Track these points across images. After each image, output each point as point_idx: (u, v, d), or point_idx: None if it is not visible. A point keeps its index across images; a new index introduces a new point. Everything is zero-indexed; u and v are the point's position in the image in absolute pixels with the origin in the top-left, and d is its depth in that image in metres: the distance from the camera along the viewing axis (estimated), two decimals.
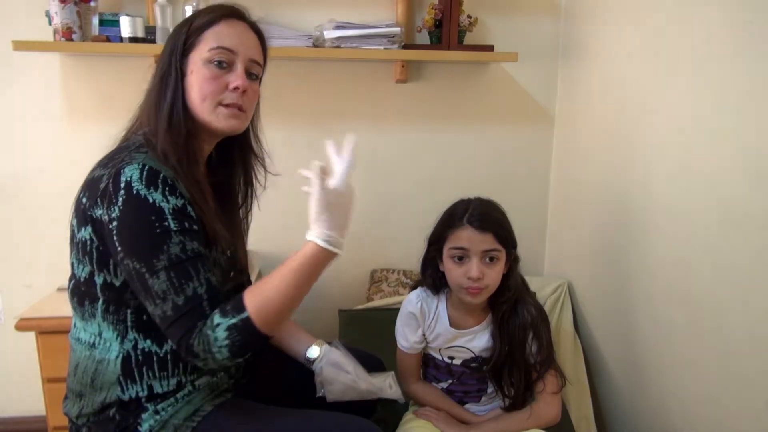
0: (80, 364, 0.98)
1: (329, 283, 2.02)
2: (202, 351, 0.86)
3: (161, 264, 0.86)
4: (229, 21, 0.97)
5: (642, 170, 1.44)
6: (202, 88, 0.95)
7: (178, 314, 0.86)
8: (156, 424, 0.95)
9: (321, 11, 1.80)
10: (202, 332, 0.86)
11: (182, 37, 0.96)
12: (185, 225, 0.88)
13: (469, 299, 1.18)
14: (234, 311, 0.87)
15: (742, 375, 1.12)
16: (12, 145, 1.80)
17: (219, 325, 0.86)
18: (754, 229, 1.07)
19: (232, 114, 0.98)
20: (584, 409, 1.67)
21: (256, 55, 1.01)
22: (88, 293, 0.95)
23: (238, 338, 0.86)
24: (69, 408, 1.01)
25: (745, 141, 1.09)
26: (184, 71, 0.96)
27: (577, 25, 1.84)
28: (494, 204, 1.23)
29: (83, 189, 0.93)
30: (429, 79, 1.92)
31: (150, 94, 0.98)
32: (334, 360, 1.12)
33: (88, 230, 0.91)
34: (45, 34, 1.64)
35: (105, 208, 0.87)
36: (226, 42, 0.96)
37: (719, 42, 1.16)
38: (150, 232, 0.86)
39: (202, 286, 0.88)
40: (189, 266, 0.88)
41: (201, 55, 0.95)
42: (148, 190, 0.86)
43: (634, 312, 1.49)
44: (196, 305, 0.87)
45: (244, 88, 0.97)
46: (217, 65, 0.95)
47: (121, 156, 0.90)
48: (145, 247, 0.86)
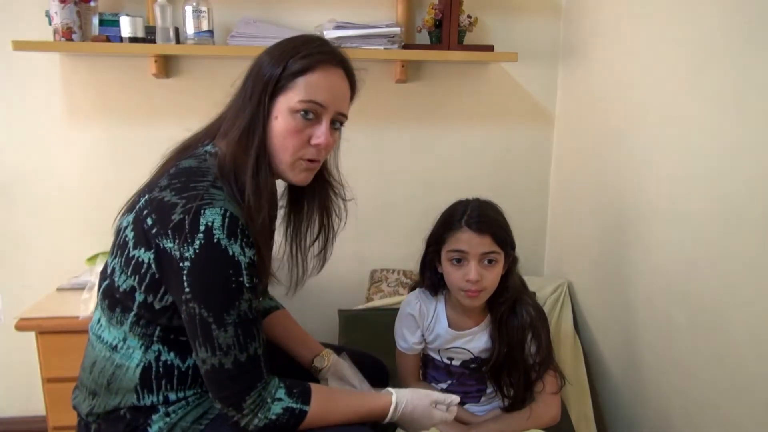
0: (98, 363, 0.97)
1: (329, 283, 2.02)
2: (248, 410, 0.89)
3: (231, 319, 0.86)
4: (326, 69, 0.93)
5: (642, 170, 1.44)
6: (286, 139, 0.93)
7: (239, 371, 0.88)
8: (165, 426, 0.95)
9: (321, 11, 1.80)
10: (261, 396, 0.89)
11: (276, 76, 0.91)
12: (254, 281, 0.89)
13: (467, 302, 1.18)
14: (300, 399, 0.92)
15: (742, 375, 1.11)
16: (12, 145, 1.80)
17: (281, 401, 0.91)
18: (755, 229, 1.07)
19: (307, 167, 0.97)
20: (584, 409, 1.67)
21: (344, 108, 0.98)
22: (123, 303, 0.94)
23: (284, 421, 0.90)
24: (79, 402, 1.01)
25: (745, 141, 1.09)
26: (270, 112, 0.93)
27: (577, 25, 1.84)
28: (493, 205, 1.23)
29: (149, 208, 0.88)
30: (429, 79, 1.92)
31: (235, 125, 0.93)
32: (340, 372, 1.13)
33: (149, 255, 0.88)
34: (45, 34, 1.64)
35: (178, 244, 0.84)
36: (318, 96, 0.92)
37: (719, 42, 1.15)
38: (226, 284, 0.85)
39: (261, 347, 0.90)
40: (253, 326, 0.89)
41: (290, 103, 0.92)
42: (228, 240, 0.84)
43: (634, 312, 1.49)
44: (256, 365, 0.90)
45: (327, 145, 0.95)
46: (303, 116, 0.92)
47: (199, 190, 0.86)
48: (219, 298, 0.86)
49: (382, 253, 2.02)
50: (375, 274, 1.98)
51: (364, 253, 2.02)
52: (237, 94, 0.96)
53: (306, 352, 1.18)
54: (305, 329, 1.23)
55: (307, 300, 2.04)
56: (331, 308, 1.88)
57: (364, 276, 2.02)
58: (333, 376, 1.12)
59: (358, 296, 2.00)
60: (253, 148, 0.91)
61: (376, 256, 2.02)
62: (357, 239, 2.00)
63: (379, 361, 1.28)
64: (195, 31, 1.63)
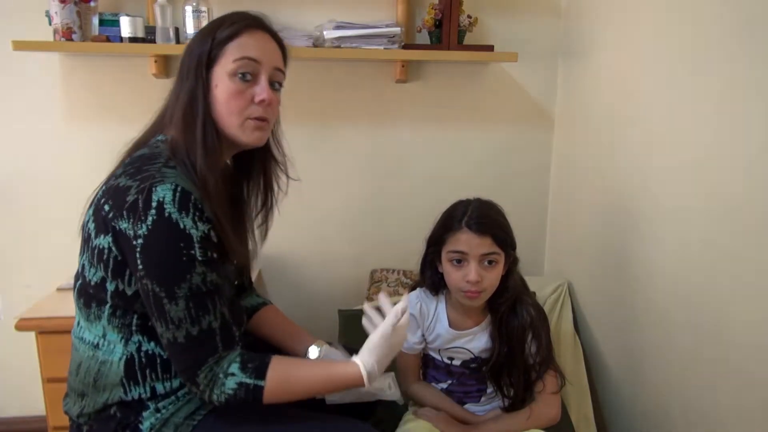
0: (83, 364, 0.98)
1: (329, 283, 2.03)
2: (203, 384, 0.89)
3: (182, 292, 0.87)
4: (251, 32, 0.97)
5: (642, 170, 1.44)
6: (229, 103, 0.95)
7: (190, 344, 0.88)
8: (157, 422, 0.95)
9: (321, 11, 1.80)
10: (213, 371, 0.89)
11: (206, 49, 0.95)
12: (209, 254, 0.89)
13: (467, 302, 1.18)
14: (254, 374, 0.90)
15: (742, 375, 1.11)
16: (12, 145, 1.80)
17: (233, 375, 0.89)
18: (755, 229, 1.07)
19: (257, 126, 0.99)
20: (584, 409, 1.67)
21: (279, 64, 1.01)
22: (97, 297, 0.95)
23: (242, 397, 0.90)
24: (70, 407, 1.01)
25: (745, 141, 1.09)
26: (209, 84, 0.96)
27: (577, 25, 1.84)
28: (493, 205, 1.22)
29: (106, 196, 0.91)
30: (429, 79, 1.92)
31: (177, 106, 0.97)
32: (333, 359, 1.12)
33: (108, 239, 0.90)
34: (45, 34, 1.64)
35: (132, 223, 0.86)
36: (250, 52, 0.96)
37: (719, 42, 1.15)
38: (176, 258, 0.87)
39: (216, 320, 0.90)
40: (207, 299, 0.89)
41: (225, 68, 0.95)
42: (179, 214, 0.86)
43: (634, 312, 1.49)
44: (209, 339, 0.89)
45: (269, 100, 0.98)
46: (242, 78, 0.95)
47: (151, 170, 0.89)
48: (169, 273, 0.87)
49: (382, 253, 2.02)
50: (375, 274, 1.98)
51: (364, 253, 2.02)
52: (175, 81, 0.99)
53: (298, 345, 1.17)
54: (305, 329, 1.23)
55: (307, 300, 2.05)
56: (332, 308, 1.88)
57: (364, 276, 2.02)
58: None
59: (358, 296, 2.00)
60: (199, 121, 0.94)
61: (376, 256, 2.02)
62: (357, 239, 2.01)
63: None
64: (195, 31, 1.63)
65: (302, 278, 2.02)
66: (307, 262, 2.01)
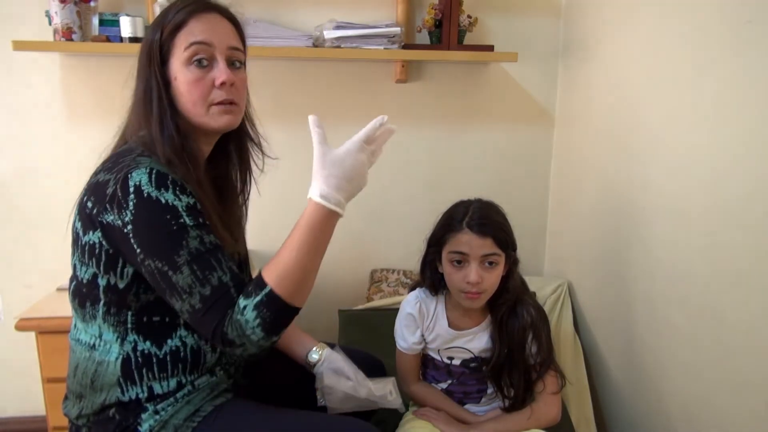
0: (80, 365, 0.98)
1: (329, 283, 2.02)
2: (237, 337, 0.87)
3: (183, 259, 0.86)
4: (198, 15, 0.95)
5: (642, 170, 1.44)
6: (190, 92, 0.94)
7: (208, 305, 0.86)
8: (156, 424, 0.95)
9: (321, 11, 1.80)
10: (233, 319, 0.86)
11: (156, 44, 0.94)
12: (200, 220, 0.89)
13: (467, 303, 1.18)
14: (256, 289, 0.88)
15: (741, 375, 1.12)
16: (12, 145, 1.80)
17: (246, 307, 0.86)
18: (754, 230, 1.07)
19: (225, 110, 0.97)
20: (584, 409, 1.67)
21: (234, 42, 0.98)
22: (90, 295, 0.95)
23: (268, 314, 0.86)
24: (69, 409, 1.01)
25: (745, 141, 1.09)
26: (168, 79, 0.95)
27: (577, 25, 1.84)
28: (495, 206, 1.22)
29: (87, 193, 0.92)
30: (429, 79, 1.92)
31: (136, 106, 0.97)
32: (334, 365, 1.12)
33: (96, 234, 0.90)
34: (45, 34, 1.64)
35: (116, 213, 0.86)
36: (199, 36, 0.94)
37: (719, 42, 1.15)
38: (167, 229, 0.86)
39: (226, 275, 0.88)
40: (210, 257, 0.88)
41: (179, 58, 0.93)
42: (158, 191, 0.86)
43: (634, 312, 1.49)
44: (223, 293, 0.87)
45: (231, 81, 0.96)
46: (198, 64, 0.94)
47: (126, 161, 0.90)
48: (165, 245, 0.86)
49: (382, 253, 2.02)
50: (375, 274, 1.98)
51: (364, 253, 2.02)
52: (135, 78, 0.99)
53: (298, 348, 1.17)
54: (305, 329, 1.23)
55: (307, 300, 2.04)
56: (332, 308, 1.88)
57: (364, 276, 2.02)
58: (328, 369, 1.11)
59: (358, 296, 2.00)
60: (154, 113, 0.94)
61: (376, 256, 2.02)
62: (357, 239, 2.00)
63: (375, 358, 1.27)
64: None
65: None
66: None
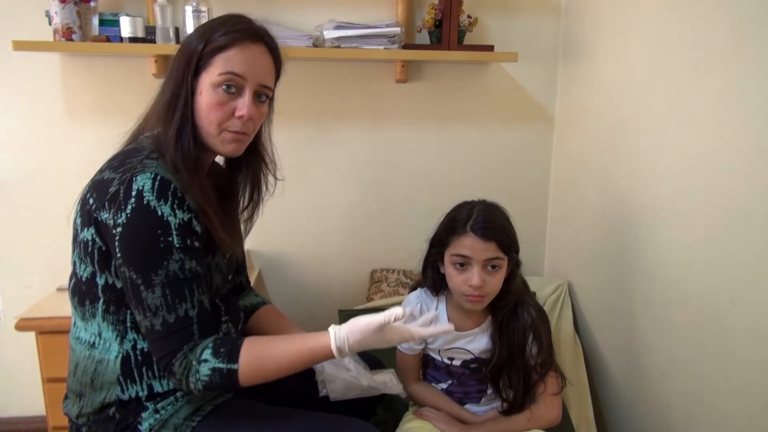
0: (80, 364, 0.98)
1: (329, 283, 2.03)
2: (179, 373, 0.89)
3: (158, 279, 0.87)
4: (244, 44, 0.95)
5: (642, 170, 1.44)
6: (209, 113, 0.95)
7: (167, 332, 0.89)
8: (156, 423, 0.95)
9: (321, 11, 1.80)
10: (187, 358, 0.89)
11: (196, 55, 0.94)
12: (188, 242, 0.90)
13: (469, 306, 1.18)
14: (226, 358, 0.89)
15: (742, 375, 1.12)
16: (12, 145, 1.80)
17: (207, 362, 0.88)
18: (754, 230, 1.07)
19: (234, 139, 0.98)
20: (584, 410, 1.66)
21: (267, 80, 0.99)
22: (89, 293, 0.95)
23: (218, 382, 0.89)
24: (69, 408, 1.02)
25: (745, 141, 1.09)
26: (194, 89, 0.96)
27: (577, 25, 1.84)
28: (499, 209, 1.21)
29: (90, 189, 0.93)
30: (429, 79, 1.92)
31: (161, 105, 0.97)
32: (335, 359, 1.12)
33: (91, 231, 0.91)
34: (45, 34, 1.64)
35: (112, 212, 0.87)
36: (236, 68, 0.94)
37: (719, 42, 1.15)
38: (153, 245, 0.87)
39: (194, 309, 0.90)
40: (185, 286, 0.89)
41: (211, 78, 0.94)
42: (158, 201, 0.87)
43: (634, 312, 1.49)
44: (185, 327, 0.89)
45: (250, 116, 0.97)
46: (226, 89, 0.95)
47: (133, 162, 0.90)
48: (145, 260, 0.87)
49: (382, 253, 2.02)
50: (375, 274, 1.98)
51: (364, 253, 2.02)
52: (166, 76, 0.99)
53: None
54: (305, 329, 1.23)
55: (307, 300, 2.05)
56: (332, 308, 1.88)
57: (364, 276, 2.02)
58: (327, 362, 1.11)
59: (358, 296, 2.00)
60: (176, 118, 0.94)
61: (376, 256, 2.02)
62: (357, 239, 2.01)
63: (374, 357, 1.27)
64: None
65: (302, 278, 2.02)
66: (307, 262, 2.01)
